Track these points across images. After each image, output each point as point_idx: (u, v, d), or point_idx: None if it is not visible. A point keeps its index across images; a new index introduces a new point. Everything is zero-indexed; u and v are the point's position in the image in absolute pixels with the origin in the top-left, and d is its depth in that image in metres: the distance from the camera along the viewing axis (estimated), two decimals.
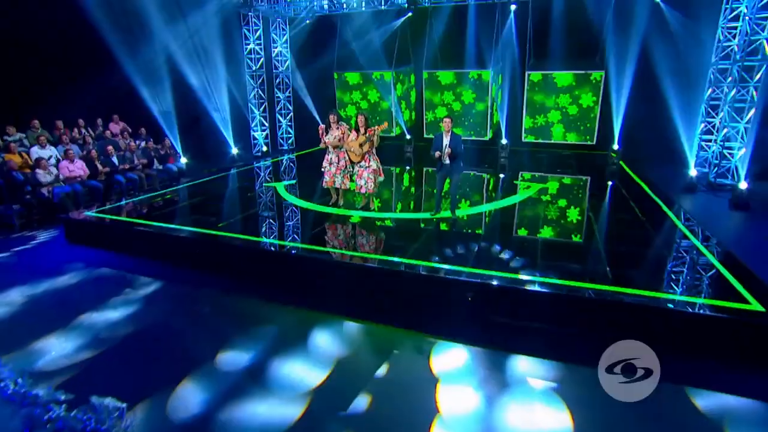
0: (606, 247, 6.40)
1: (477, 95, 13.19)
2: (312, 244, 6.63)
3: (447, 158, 7.37)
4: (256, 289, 6.16)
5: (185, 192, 9.93)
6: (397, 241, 6.90)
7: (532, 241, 6.72)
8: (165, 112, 11.84)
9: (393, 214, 8.19)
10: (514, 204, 8.70)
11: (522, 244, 6.66)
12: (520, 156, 13.37)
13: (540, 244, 6.57)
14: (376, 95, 14.35)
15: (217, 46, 12.89)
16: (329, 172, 8.31)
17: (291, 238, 7.08)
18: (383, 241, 6.99)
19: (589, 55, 11.87)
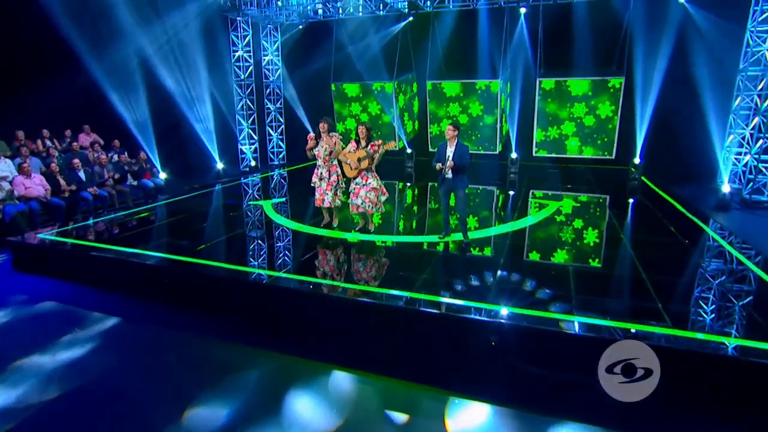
0: (650, 276, 5.54)
1: (485, 107, 12.50)
2: (299, 274, 5.75)
3: (449, 171, 6.56)
4: (233, 328, 5.25)
5: (161, 211, 9.06)
6: (400, 269, 6.03)
7: (562, 270, 5.85)
8: (141, 122, 11.03)
9: (395, 237, 7.32)
10: (532, 224, 7.86)
11: (549, 273, 5.80)
12: (531, 171, 12.60)
13: (571, 274, 5.70)
14: (377, 108, 13.63)
15: (202, 52, 12.18)
16: (319, 189, 7.47)
17: (275, 266, 6.19)
18: (384, 269, 6.12)
19: (607, 60, 11.20)
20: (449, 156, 6.57)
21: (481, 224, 8.01)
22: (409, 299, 4.97)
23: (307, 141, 7.37)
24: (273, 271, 5.85)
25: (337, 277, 5.79)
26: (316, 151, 7.30)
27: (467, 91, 12.53)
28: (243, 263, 6.10)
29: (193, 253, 6.46)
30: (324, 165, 7.34)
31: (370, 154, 6.90)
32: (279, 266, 6.13)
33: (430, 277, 5.67)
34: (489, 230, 7.63)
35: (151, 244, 6.87)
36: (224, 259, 6.25)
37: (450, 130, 6.53)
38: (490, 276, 5.66)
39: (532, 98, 12.01)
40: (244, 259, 6.37)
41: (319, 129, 7.23)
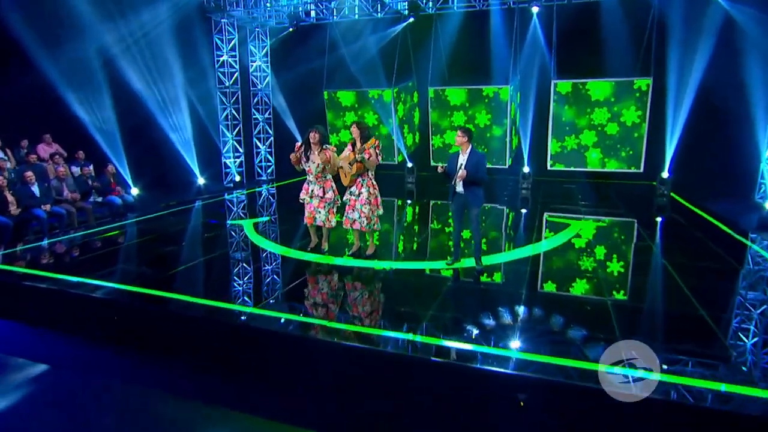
0: (711, 312, 4.63)
1: (493, 116, 11.70)
2: (277, 311, 4.83)
3: (459, 183, 5.72)
4: (192, 379, 4.32)
5: (125, 231, 8.17)
6: (401, 303, 5.12)
7: (599, 305, 4.94)
8: (109, 132, 10.21)
9: (395, 263, 6.42)
10: (552, 248, 6.97)
11: (585, 309, 4.89)
12: (545, 188, 11.76)
13: (612, 309, 4.79)
14: (374, 117, 12.83)
15: (181, 56, 11.44)
16: (310, 206, 6.60)
17: (249, 300, 5.27)
18: (382, 304, 5.20)
19: (631, 61, 10.43)
20: (461, 165, 5.75)
21: (491, 248, 7.11)
22: (412, 344, 4.06)
23: (295, 150, 6.54)
24: (245, 307, 4.93)
25: (324, 314, 4.87)
26: (306, 167, 6.45)
27: (473, 98, 11.76)
28: (210, 296, 5.18)
29: (153, 283, 5.55)
30: (317, 181, 6.48)
31: (363, 158, 6.05)
32: (253, 300, 5.21)
33: (438, 314, 4.76)
34: (501, 255, 6.73)
35: (102, 272, 5.95)
36: (188, 291, 5.33)
37: (459, 137, 5.72)
38: (512, 313, 4.75)
39: (546, 104, 11.22)
40: (212, 290, 5.46)
41: (309, 139, 6.39)
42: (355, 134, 6.17)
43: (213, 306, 4.93)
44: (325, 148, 6.36)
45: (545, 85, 11.35)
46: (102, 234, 7.97)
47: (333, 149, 6.43)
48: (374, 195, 6.29)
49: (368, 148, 6.07)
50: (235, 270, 6.25)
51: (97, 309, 5.19)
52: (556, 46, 10.95)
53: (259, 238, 7.52)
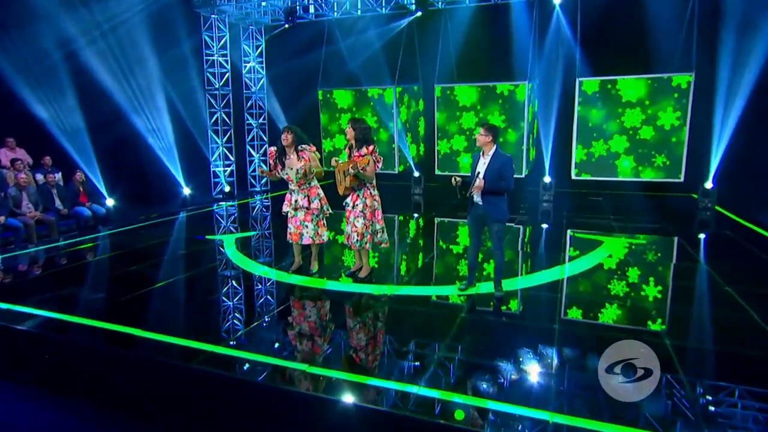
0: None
1: (508, 117, 10.78)
2: (248, 351, 3.92)
3: (477, 194, 4.82)
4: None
5: (88, 248, 7.34)
6: (403, 341, 4.19)
7: (657, 348, 3.96)
8: (79, 135, 9.45)
9: (396, 289, 5.48)
10: (584, 271, 6.00)
11: (637, 351, 3.92)
12: (569, 199, 10.80)
13: (673, 352, 3.81)
14: (373, 120, 11.97)
15: (166, 55, 10.73)
16: (294, 219, 5.73)
17: (210, 335, 4.37)
18: (379, 342, 4.27)
19: (668, 56, 9.50)
20: (479, 172, 4.85)
21: (509, 269, 6.17)
22: (419, 399, 3.12)
23: (269, 156, 5.71)
24: (205, 344, 4.01)
25: (308, 356, 3.94)
26: (284, 175, 5.61)
27: (486, 97, 10.86)
28: (166, 330, 4.28)
29: (95, 312, 4.67)
30: (300, 190, 5.63)
31: (359, 173, 5.18)
32: (218, 336, 4.30)
33: (450, 356, 3.82)
34: (523, 279, 5.77)
35: (38, 297, 5.09)
36: (139, 322, 4.44)
37: (482, 136, 4.84)
38: (542, 356, 3.80)
39: (570, 106, 10.31)
40: (169, 323, 4.56)
41: (281, 141, 5.56)
42: (350, 135, 5.30)
43: (162, 342, 4.03)
44: (301, 150, 5.51)
45: (569, 84, 10.46)
46: (58, 250, 7.15)
47: (312, 149, 5.58)
48: (372, 208, 5.39)
49: (358, 156, 5.20)
50: (201, 296, 5.35)
51: (24, 344, 4.32)
52: (581, 40, 10.07)
53: (239, 256, 6.63)
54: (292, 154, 5.54)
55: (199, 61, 11.74)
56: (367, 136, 5.24)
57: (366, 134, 5.25)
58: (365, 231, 5.39)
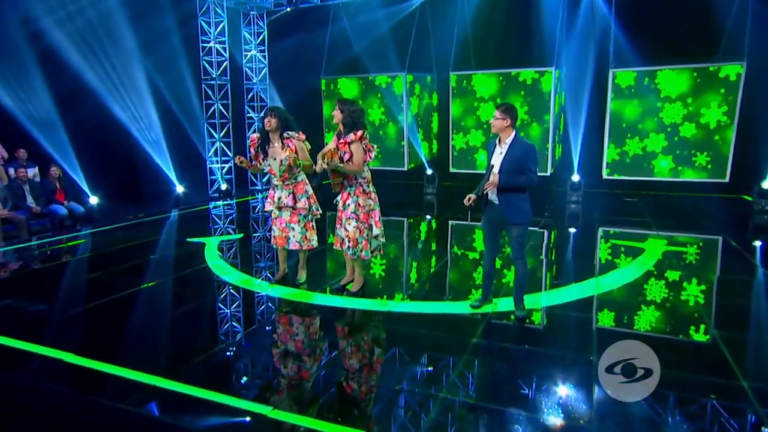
0: None
1: (532, 110, 9.92)
2: (212, 390, 3.18)
3: (491, 191, 4.04)
4: None
5: (53, 251, 6.73)
6: (405, 373, 3.41)
7: (734, 392, 3.12)
8: (55, 126, 8.84)
9: (398, 305, 4.69)
10: (628, 285, 5.14)
11: (713, 393, 3.08)
12: (600, 201, 9.88)
13: (753, 397, 2.96)
14: (380, 112, 11.19)
15: (157, 41, 10.10)
16: (279, 221, 4.99)
17: (166, 366, 3.64)
18: (375, 376, 3.49)
19: (713, 44, 8.56)
20: (494, 165, 4.07)
21: (532, 284, 5.33)
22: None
23: (250, 144, 4.98)
24: (163, 380, 3.28)
25: (273, 396, 3.18)
26: (266, 166, 4.87)
27: (507, 86, 10.00)
28: (98, 357, 3.56)
29: (26, 333, 3.99)
30: (284, 185, 4.89)
31: (338, 166, 4.42)
32: (162, 368, 3.57)
33: (452, 399, 3.02)
34: (548, 295, 4.93)
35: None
36: (68, 346, 3.74)
37: (497, 120, 4.05)
38: (580, 401, 2.98)
39: (602, 100, 9.41)
40: (104, 348, 3.85)
41: (263, 126, 4.82)
42: (337, 119, 4.54)
43: (89, 370, 3.32)
44: (287, 137, 4.76)
45: (601, 75, 9.56)
46: (15, 254, 6.53)
47: (301, 138, 4.82)
48: (366, 209, 4.61)
49: (349, 144, 4.43)
50: (155, 313, 4.63)
51: None
52: (615, 26, 9.18)
53: (218, 262, 5.90)
54: (276, 141, 4.81)
55: (195, 49, 11.11)
56: (356, 120, 4.47)
57: (356, 117, 4.47)
58: (359, 236, 4.62)
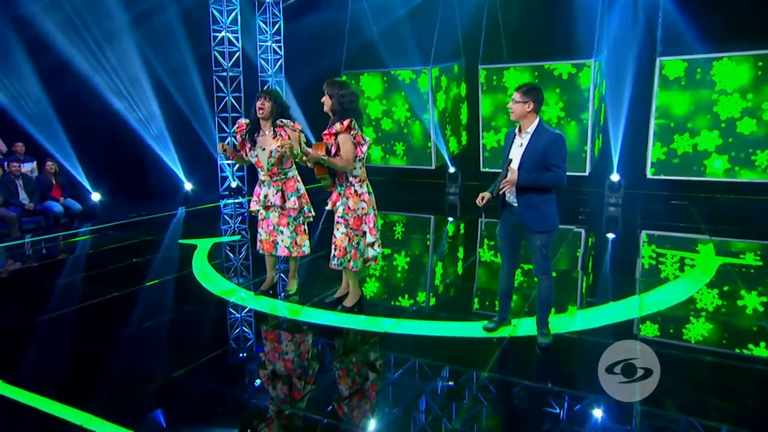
0: None
1: (569, 106, 9.09)
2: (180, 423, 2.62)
3: (510, 191, 3.34)
4: None
5: (33, 250, 6.35)
6: (405, 411, 2.76)
7: None
8: (55, 118, 8.52)
9: (398, 324, 4.02)
10: (680, 305, 4.34)
11: None
12: (644, 203, 8.97)
13: None
14: (404, 109, 10.53)
15: (160, 27, 9.71)
16: (266, 223, 4.41)
17: (99, 401, 3.09)
18: (369, 413, 2.86)
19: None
20: (511, 159, 3.40)
21: (561, 301, 4.59)
22: None
23: (237, 131, 4.42)
24: (94, 419, 2.73)
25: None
26: (252, 158, 4.30)
27: (542, 81, 9.21)
28: (31, 387, 3.04)
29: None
30: (271, 181, 4.30)
31: (322, 159, 3.81)
32: (110, 404, 3.01)
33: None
34: (579, 317, 4.17)
35: None
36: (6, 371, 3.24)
37: (518, 102, 3.41)
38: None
39: (647, 92, 8.51)
40: (39, 376, 3.32)
41: (255, 110, 4.23)
42: (327, 106, 3.92)
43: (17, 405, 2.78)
44: (280, 125, 4.17)
45: (645, 64, 8.66)
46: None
47: (296, 128, 4.22)
48: (357, 212, 3.97)
49: (335, 135, 3.82)
50: (112, 331, 4.10)
51: None
52: (663, 9, 8.27)
53: (205, 267, 5.36)
54: (267, 129, 4.23)
55: (207, 39, 10.68)
56: (346, 107, 3.83)
57: (345, 103, 3.83)
58: (347, 244, 3.98)
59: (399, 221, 8.28)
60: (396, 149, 10.86)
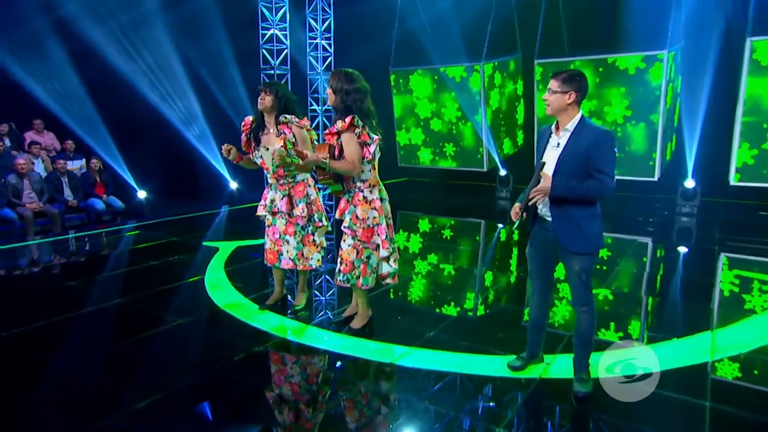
0: None
1: (635, 104, 8.02)
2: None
3: (541, 202, 2.66)
4: None
5: (59, 249, 6.29)
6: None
7: None
8: (103, 119, 8.55)
9: (402, 354, 3.39)
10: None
11: None
12: (724, 214, 7.76)
13: None
14: (455, 108, 9.78)
15: (209, 27, 9.57)
16: (272, 231, 3.92)
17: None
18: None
19: None
20: (544, 162, 2.69)
21: (619, 329, 3.79)
22: None
23: (242, 130, 3.95)
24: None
25: None
26: (257, 158, 3.83)
27: (606, 75, 8.18)
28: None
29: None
30: (278, 185, 3.82)
31: (323, 162, 3.25)
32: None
33: None
34: (633, 357, 3.35)
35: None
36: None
37: (554, 93, 2.68)
38: None
39: (732, 82, 7.30)
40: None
41: (258, 107, 3.75)
42: (331, 101, 3.36)
43: None
44: (284, 122, 3.67)
45: (731, 49, 7.45)
46: (15, 252, 6.11)
47: (303, 123, 3.71)
48: (367, 222, 3.39)
49: (337, 135, 3.27)
50: (85, 346, 3.74)
51: None
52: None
53: (218, 274, 4.97)
54: (272, 126, 3.74)
55: (255, 36, 10.46)
56: (350, 105, 3.26)
57: (349, 101, 3.27)
58: (355, 258, 3.41)
59: (443, 226, 7.62)
60: (446, 150, 10.17)
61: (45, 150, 8.18)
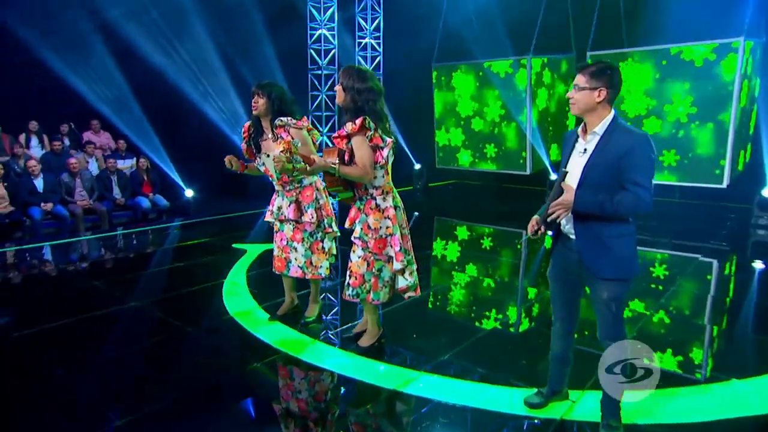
0: None
1: (702, 101, 7.15)
2: None
3: (564, 217, 2.22)
4: None
5: (97, 246, 6.40)
6: None
7: None
8: (152, 119, 8.68)
9: (410, 383, 3.02)
10: None
11: None
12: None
13: None
14: (498, 106, 9.17)
15: (258, 29, 9.52)
16: (280, 237, 3.67)
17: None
18: None
19: None
20: (566, 171, 2.25)
21: (669, 363, 3.24)
22: None
23: (243, 135, 3.69)
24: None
25: None
26: (260, 165, 3.58)
27: (668, 69, 7.35)
28: None
29: None
30: (285, 191, 3.57)
31: (334, 168, 2.94)
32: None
33: None
34: (682, 400, 2.80)
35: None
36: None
37: (583, 90, 2.24)
38: None
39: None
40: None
41: (251, 109, 3.49)
42: (340, 100, 3.04)
43: None
44: (281, 126, 3.38)
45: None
46: (54, 248, 6.24)
47: (302, 124, 3.43)
48: (379, 233, 3.07)
49: (347, 138, 2.95)
50: (85, 352, 3.61)
51: None
52: None
53: (237, 279, 4.80)
54: (269, 132, 3.49)
55: (304, 36, 10.34)
56: (362, 105, 2.94)
57: (361, 101, 2.94)
58: (366, 271, 3.09)
59: (478, 235, 7.12)
60: (486, 152, 9.58)
61: (100, 149, 8.43)
